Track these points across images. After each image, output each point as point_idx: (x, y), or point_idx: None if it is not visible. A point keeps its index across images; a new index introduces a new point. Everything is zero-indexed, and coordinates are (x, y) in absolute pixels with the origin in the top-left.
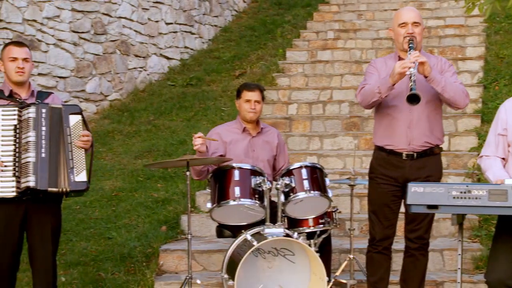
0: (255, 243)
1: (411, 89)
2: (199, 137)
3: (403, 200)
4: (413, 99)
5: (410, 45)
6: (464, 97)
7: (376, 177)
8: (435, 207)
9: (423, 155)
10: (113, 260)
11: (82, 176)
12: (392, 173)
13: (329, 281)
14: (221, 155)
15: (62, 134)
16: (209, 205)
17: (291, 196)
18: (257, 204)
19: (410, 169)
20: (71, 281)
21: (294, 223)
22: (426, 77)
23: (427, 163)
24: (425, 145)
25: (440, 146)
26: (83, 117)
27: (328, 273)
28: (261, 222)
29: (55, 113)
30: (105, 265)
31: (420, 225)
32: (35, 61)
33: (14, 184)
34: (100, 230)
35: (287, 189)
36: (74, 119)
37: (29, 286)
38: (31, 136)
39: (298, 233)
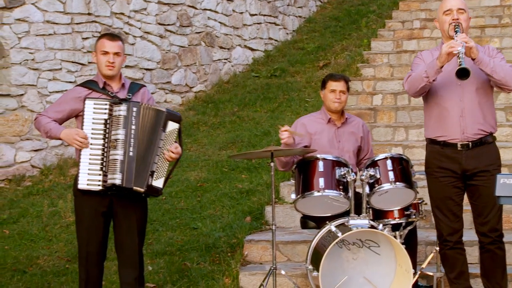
0: (339, 234)
1: (460, 65)
2: (285, 131)
3: (466, 193)
4: (462, 74)
5: (456, 29)
6: None
7: (433, 171)
8: None
9: (478, 144)
10: (198, 250)
11: (159, 182)
12: (448, 165)
13: (415, 273)
14: (305, 146)
15: (156, 136)
16: (293, 196)
17: (376, 188)
18: (341, 195)
19: (467, 159)
20: (158, 270)
21: (379, 215)
22: (473, 59)
23: (483, 152)
24: (479, 133)
25: (494, 134)
26: (180, 127)
27: (414, 265)
28: (346, 214)
29: (155, 115)
30: (190, 255)
31: (489, 216)
32: None
33: (100, 178)
34: (185, 220)
35: (372, 180)
36: (172, 126)
37: (117, 274)
38: (120, 134)
39: (383, 225)
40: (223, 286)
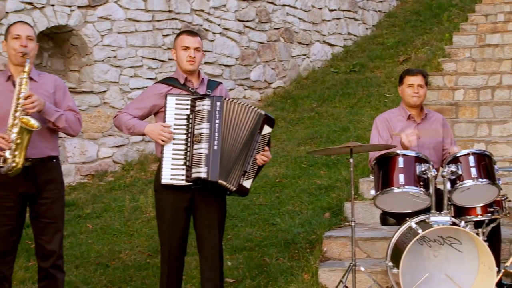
0: (420, 231)
1: None
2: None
3: None
4: None
5: None
6: None
7: None
8: None
9: None
10: (277, 246)
11: (248, 183)
12: None
13: (498, 271)
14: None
15: (253, 138)
16: (372, 192)
17: (458, 184)
18: (422, 192)
19: None
20: (237, 266)
21: (460, 211)
22: None
23: None
24: None
25: None
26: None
27: (498, 263)
28: (426, 210)
29: (254, 116)
30: (269, 251)
31: None
32: None
33: (184, 172)
34: (264, 216)
35: (453, 177)
36: (266, 130)
37: (197, 269)
38: (204, 128)
39: (465, 222)
40: (302, 282)
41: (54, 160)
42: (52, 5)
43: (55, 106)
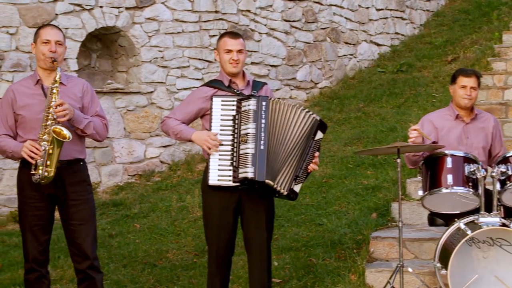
0: (469, 232)
1: None
2: (414, 130)
3: None
4: None
5: None
6: None
7: None
8: None
9: None
10: (323, 246)
11: (298, 188)
12: None
13: None
14: (433, 142)
15: (307, 143)
16: (420, 192)
17: (508, 185)
18: (470, 192)
19: None
20: (283, 266)
21: (510, 212)
22: None
23: None
24: None
25: None
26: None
27: None
28: (475, 211)
29: (309, 120)
30: (316, 251)
31: None
32: (248, 51)
33: (231, 173)
34: (311, 216)
35: (503, 177)
36: (319, 135)
37: (244, 269)
38: (250, 128)
39: None
40: (349, 283)
41: (81, 163)
42: (101, 7)
43: (83, 110)
